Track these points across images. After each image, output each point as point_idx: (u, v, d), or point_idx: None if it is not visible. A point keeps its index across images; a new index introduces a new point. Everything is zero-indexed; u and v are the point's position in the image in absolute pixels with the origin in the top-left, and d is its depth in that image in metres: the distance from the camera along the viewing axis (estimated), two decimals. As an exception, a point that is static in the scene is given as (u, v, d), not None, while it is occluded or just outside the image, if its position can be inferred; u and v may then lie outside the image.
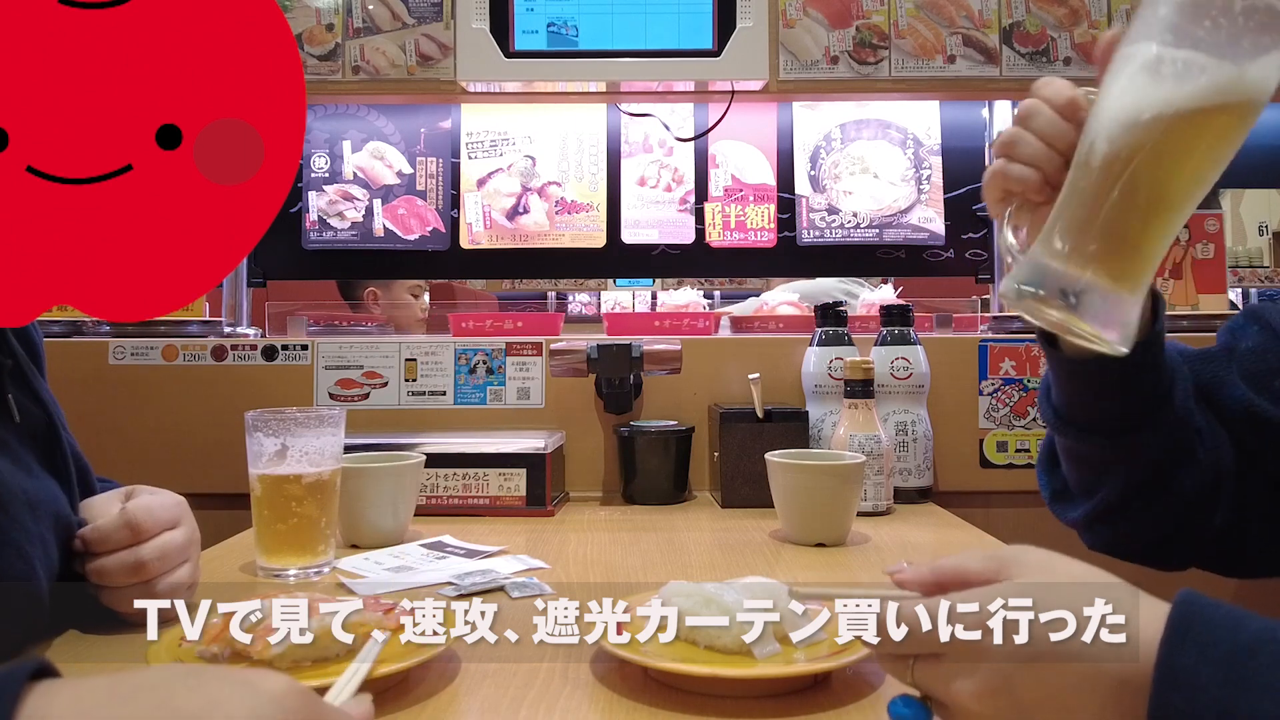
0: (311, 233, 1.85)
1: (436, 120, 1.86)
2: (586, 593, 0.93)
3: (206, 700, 0.42)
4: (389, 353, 1.56)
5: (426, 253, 1.85)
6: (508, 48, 1.59)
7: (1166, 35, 0.63)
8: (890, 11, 1.67)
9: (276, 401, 1.07)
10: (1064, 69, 1.65)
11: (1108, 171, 0.66)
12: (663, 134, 1.85)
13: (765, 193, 1.85)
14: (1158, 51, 0.64)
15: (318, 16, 1.68)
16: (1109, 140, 0.66)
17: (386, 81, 1.68)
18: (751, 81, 1.63)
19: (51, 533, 0.77)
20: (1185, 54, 0.63)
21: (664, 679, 0.68)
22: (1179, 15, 0.63)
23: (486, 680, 0.69)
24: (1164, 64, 0.63)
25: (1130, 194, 0.65)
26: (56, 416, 0.85)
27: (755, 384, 1.37)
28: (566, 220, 1.85)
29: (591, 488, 1.51)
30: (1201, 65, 0.62)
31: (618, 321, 1.67)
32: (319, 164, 1.85)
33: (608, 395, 1.47)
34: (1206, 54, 0.62)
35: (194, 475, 1.48)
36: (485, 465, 1.32)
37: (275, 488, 0.98)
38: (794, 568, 1.04)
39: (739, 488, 1.36)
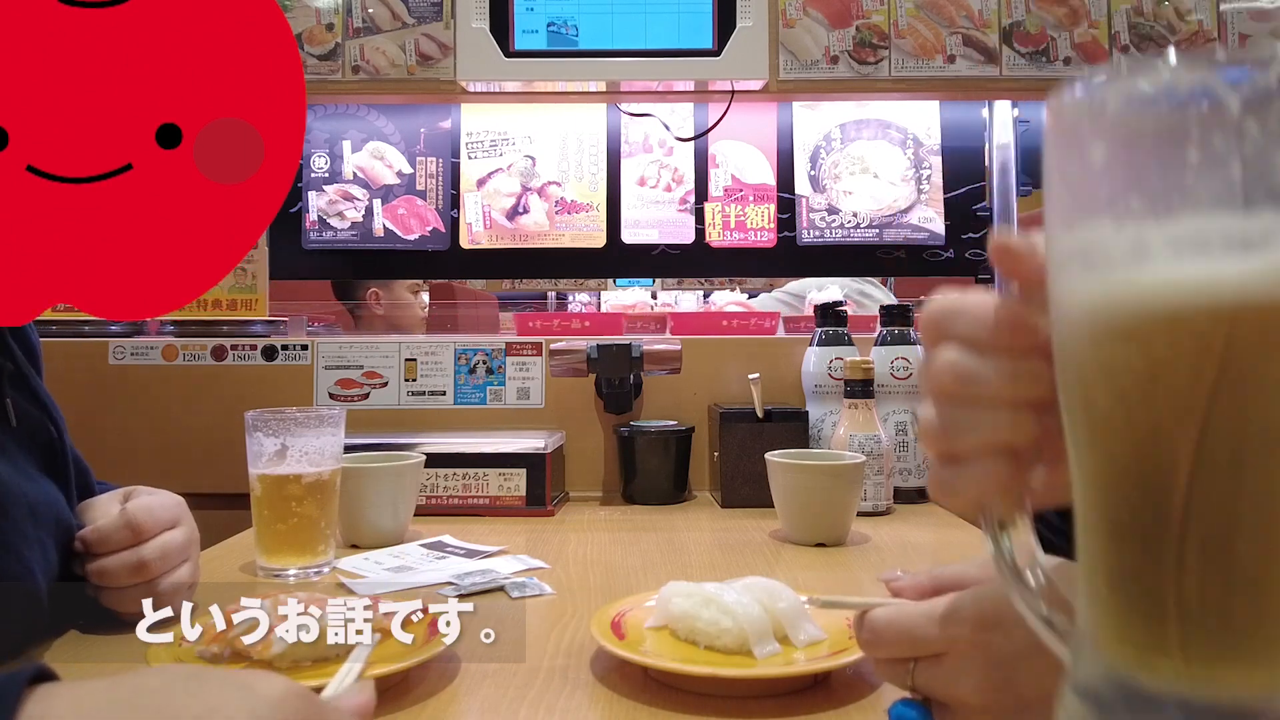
0: (311, 233, 1.85)
1: (436, 120, 1.86)
2: (586, 593, 0.93)
3: (205, 706, 0.42)
4: (389, 353, 1.55)
5: (426, 253, 1.85)
6: (508, 47, 1.59)
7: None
8: (890, 11, 1.67)
9: (276, 401, 1.07)
10: (1064, 69, 1.65)
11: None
12: (663, 134, 1.85)
13: (765, 193, 1.85)
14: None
15: (317, 16, 1.68)
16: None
17: (386, 81, 1.68)
18: (751, 81, 1.63)
19: (52, 538, 0.77)
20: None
21: (664, 679, 0.68)
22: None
23: (486, 680, 0.69)
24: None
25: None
26: (57, 420, 0.85)
27: (755, 384, 1.37)
28: (566, 220, 1.85)
29: (591, 488, 1.51)
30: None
31: (683, 321, 1.67)
32: (319, 164, 1.85)
33: (608, 395, 1.47)
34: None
35: (194, 475, 1.48)
36: (485, 465, 1.32)
37: (275, 488, 0.98)
38: (794, 568, 1.04)
39: (739, 488, 1.36)
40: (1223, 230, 0.30)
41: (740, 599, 0.69)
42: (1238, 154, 0.30)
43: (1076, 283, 0.34)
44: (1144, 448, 0.33)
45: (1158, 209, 0.31)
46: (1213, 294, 0.30)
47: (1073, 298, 0.35)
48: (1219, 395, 0.30)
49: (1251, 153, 0.29)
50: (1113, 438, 0.34)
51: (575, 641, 0.77)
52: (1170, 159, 0.31)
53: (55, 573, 0.77)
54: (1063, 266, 0.35)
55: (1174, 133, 0.31)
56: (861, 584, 0.99)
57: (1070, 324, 0.35)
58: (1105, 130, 0.33)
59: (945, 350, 0.42)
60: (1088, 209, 0.34)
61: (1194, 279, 0.30)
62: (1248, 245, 0.30)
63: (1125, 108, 0.32)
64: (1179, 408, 0.31)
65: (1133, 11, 1.66)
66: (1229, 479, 0.31)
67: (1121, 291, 0.32)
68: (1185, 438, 0.31)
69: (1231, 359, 0.30)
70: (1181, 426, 0.31)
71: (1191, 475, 0.31)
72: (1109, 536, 0.34)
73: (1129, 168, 0.32)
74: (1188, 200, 0.30)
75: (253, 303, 1.62)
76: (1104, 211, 0.33)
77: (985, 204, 1.82)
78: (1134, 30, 1.66)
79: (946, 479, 0.43)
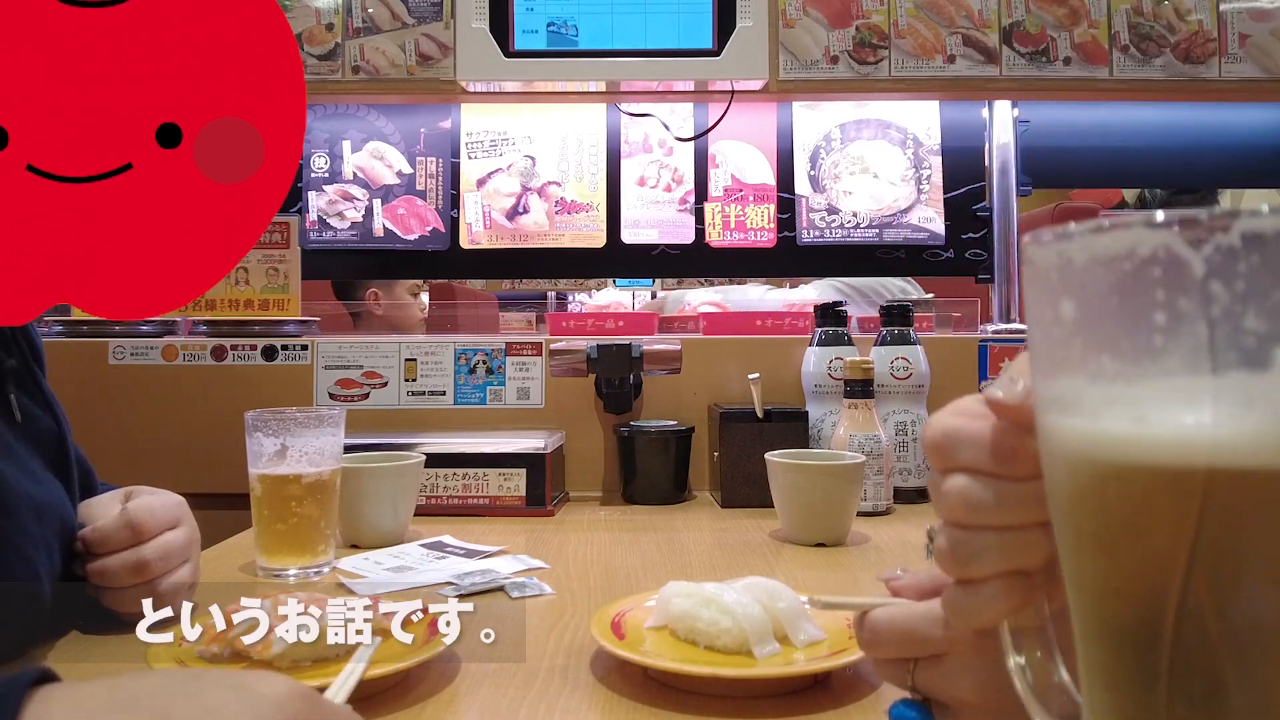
0: (311, 233, 1.84)
1: (436, 120, 1.86)
2: (586, 593, 0.93)
3: (205, 707, 0.42)
4: (389, 352, 1.55)
5: (426, 253, 1.85)
6: (507, 47, 1.59)
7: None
8: (890, 11, 1.67)
9: (276, 401, 1.07)
10: (1064, 68, 1.65)
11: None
12: (662, 134, 1.85)
13: (765, 193, 1.85)
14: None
15: (317, 16, 1.68)
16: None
17: (386, 81, 1.68)
18: (751, 81, 1.63)
19: (57, 539, 0.77)
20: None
21: (664, 679, 0.68)
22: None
23: (486, 680, 0.69)
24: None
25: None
26: (61, 420, 0.85)
27: (755, 384, 1.37)
28: (566, 220, 1.85)
29: (591, 488, 1.51)
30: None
31: (715, 321, 1.67)
32: (319, 164, 1.85)
33: (608, 395, 1.47)
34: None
35: (194, 475, 1.48)
36: (485, 465, 1.32)
37: (275, 488, 0.98)
38: (794, 568, 1.04)
39: (739, 488, 1.36)
40: (1194, 392, 0.30)
41: (740, 599, 0.69)
42: (1204, 317, 0.29)
43: (1057, 428, 0.35)
44: (1130, 581, 0.33)
45: (1128, 371, 0.31)
46: (1187, 456, 0.30)
47: (1055, 442, 0.35)
48: (1199, 544, 0.30)
49: (1218, 315, 0.29)
50: (1100, 569, 0.34)
51: (575, 641, 0.77)
52: (1138, 320, 0.31)
53: (59, 574, 0.77)
54: (1045, 409, 0.36)
55: (1140, 294, 0.30)
56: (861, 584, 0.99)
57: (1054, 463, 0.35)
58: (1074, 287, 0.32)
59: (954, 479, 0.43)
60: (1062, 363, 0.34)
61: (1168, 440, 0.31)
62: (1219, 408, 0.30)
63: (1091, 265, 0.32)
64: (1160, 552, 0.32)
65: (1132, 11, 1.66)
66: (1216, 616, 0.31)
67: (1098, 444, 0.33)
68: (1169, 573, 0.31)
69: (1209, 515, 0.30)
70: (1164, 567, 0.31)
71: (1179, 606, 0.31)
72: (1103, 648, 0.35)
73: (1098, 326, 0.32)
74: (1158, 363, 0.30)
75: (285, 303, 1.63)
76: (1077, 368, 0.33)
77: (985, 204, 1.82)
78: (1134, 30, 1.66)
79: (962, 601, 0.44)
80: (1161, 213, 0.30)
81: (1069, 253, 0.32)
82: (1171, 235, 0.29)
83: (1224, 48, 1.66)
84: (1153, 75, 1.66)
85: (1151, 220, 0.30)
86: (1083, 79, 1.66)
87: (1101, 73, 1.66)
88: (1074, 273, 0.32)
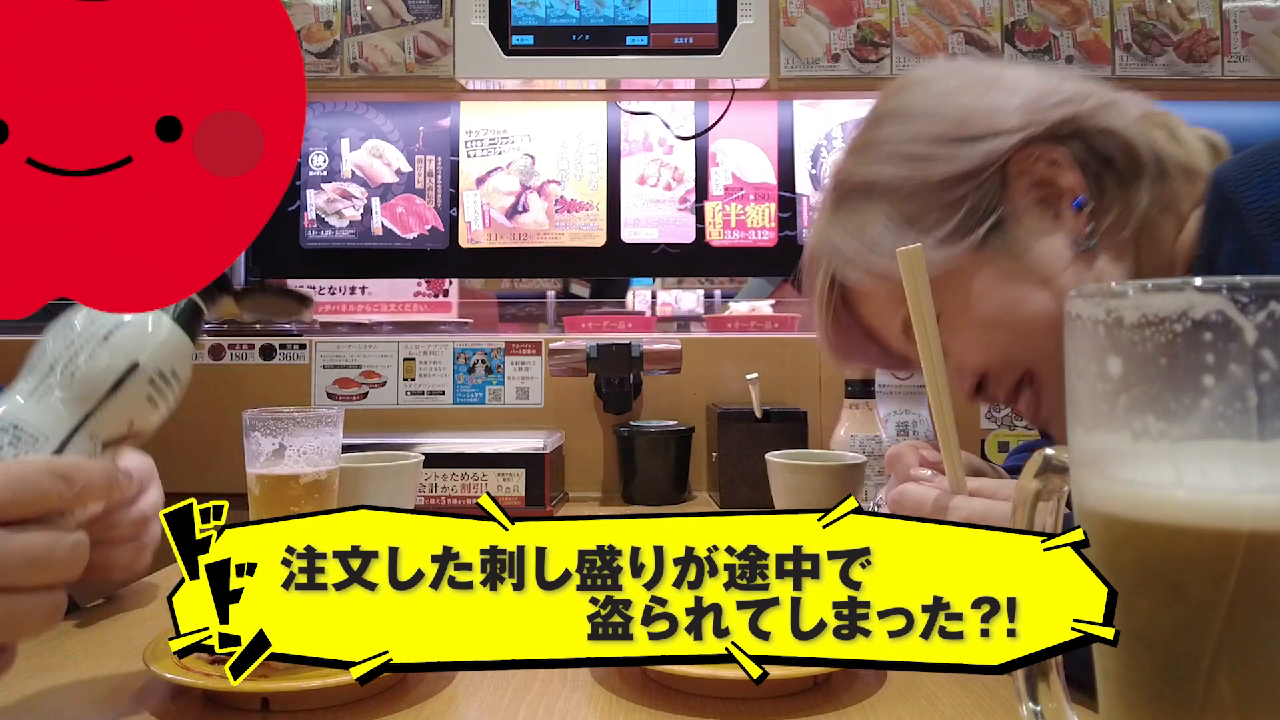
0: (310, 231, 1.84)
1: (435, 118, 1.86)
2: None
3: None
4: (387, 352, 1.55)
5: (425, 251, 1.85)
6: (507, 45, 1.58)
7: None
8: (892, 9, 1.67)
9: (274, 401, 1.06)
10: (1065, 67, 1.65)
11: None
12: (663, 132, 1.85)
13: (766, 191, 1.85)
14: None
15: (316, 14, 1.68)
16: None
17: (385, 79, 1.67)
18: (752, 79, 1.63)
19: None
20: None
21: (664, 679, 0.67)
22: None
23: (486, 680, 0.69)
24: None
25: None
26: None
27: (754, 384, 1.37)
28: (566, 219, 1.84)
29: (591, 488, 1.51)
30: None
31: (719, 324, 1.67)
32: (317, 162, 1.85)
33: (607, 395, 1.46)
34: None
35: (192, 475, 1.47)
36: (484, 465, 1.31)
37: (273, 487, 0.97)
38: (795, 567, 1.04)
39: (738, 488, 1.36)
40: (1240, 458, 0.30)
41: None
42: (1253, 383, 0.30)
43: (1096, 483, 0.35)
44: (1165, 630, 0.33)
45: (1173, 431, 0.31)
46: (1233, 520, 0.31)
47: (1093, 495, 0.35)
48: (1237, 598, 0.31)
49: (1268, 381, 0.30)
50: (1137, 616, 0.34)
51: (576, 641, 0.77)
52: (1186, 382, 0.31)
53: None
54: (1084, 463, 0.36)
55: (1190, 356, 0.31)
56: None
57: (1091, 516, 0.36)
58: (1122, 345, 0.33)
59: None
60: (1105, 419, 0.33)
61: (1213, 504, 0.31)
62: (1266, 474, 0.30)
63: (1141, 325, 0.32)
64: (1198, 603, 0.32)
65: (1135, 10, 1.66)
66: (1248, 665, 0.31)
67: (1139, 502, 0.33)
68: (1207, 622, 0.32)
69: (1247, 572, 0.31)
70: (1201, 616, 0.32)
71: (1214, 654, 0.31)
72: (1136, 691, 0.35)
73: (1145, 385, 0.32)
74: (1204, 425, 0.31)
75: None
76: (1121, 425, 0.33)
77: None
78: (1136, 29, 1.66)
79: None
80: (1215, 279, 0.30)
81: (1119, 310, 0.32)
82: (1224, 300, 0.30)
83: (1227, 47, 1.66)
84: (1155, 74, 1.65)
85: (1206, 284, 0.30)
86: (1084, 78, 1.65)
87: (1104, 71, 1.65)
88: (1123, 331, 0.32)
